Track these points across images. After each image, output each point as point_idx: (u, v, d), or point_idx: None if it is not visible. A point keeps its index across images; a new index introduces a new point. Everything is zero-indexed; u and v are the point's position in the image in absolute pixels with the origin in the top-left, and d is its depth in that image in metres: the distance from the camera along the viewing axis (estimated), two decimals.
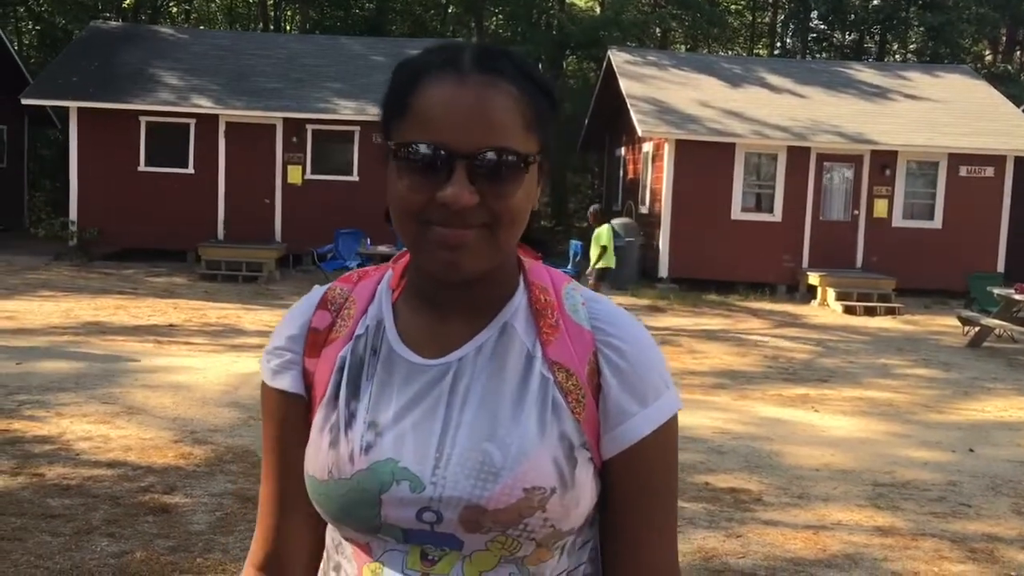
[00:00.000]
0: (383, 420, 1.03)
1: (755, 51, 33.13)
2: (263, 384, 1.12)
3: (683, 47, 32.52)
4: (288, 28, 29.69)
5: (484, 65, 0.99)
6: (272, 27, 28.27)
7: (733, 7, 33.46)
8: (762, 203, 16.96)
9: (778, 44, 33.97)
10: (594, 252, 11.40)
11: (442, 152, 0.96)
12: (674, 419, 1.07)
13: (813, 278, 15.93)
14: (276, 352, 1.10)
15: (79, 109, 16.57)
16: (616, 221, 16.82)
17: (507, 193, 0.98)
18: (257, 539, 1.14)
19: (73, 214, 16.73)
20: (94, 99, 16.52)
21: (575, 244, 14.88)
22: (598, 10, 28.93)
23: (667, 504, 1.08)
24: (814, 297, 15.74)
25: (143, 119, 16.61)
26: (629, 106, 17.20)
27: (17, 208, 22.30)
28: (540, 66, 29.01)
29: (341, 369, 1.07)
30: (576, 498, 1.02)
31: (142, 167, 16.74)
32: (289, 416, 1.09)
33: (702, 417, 7.08)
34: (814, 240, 16.76)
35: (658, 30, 30.87)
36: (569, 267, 14.27)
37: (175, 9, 31.16)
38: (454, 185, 0.95)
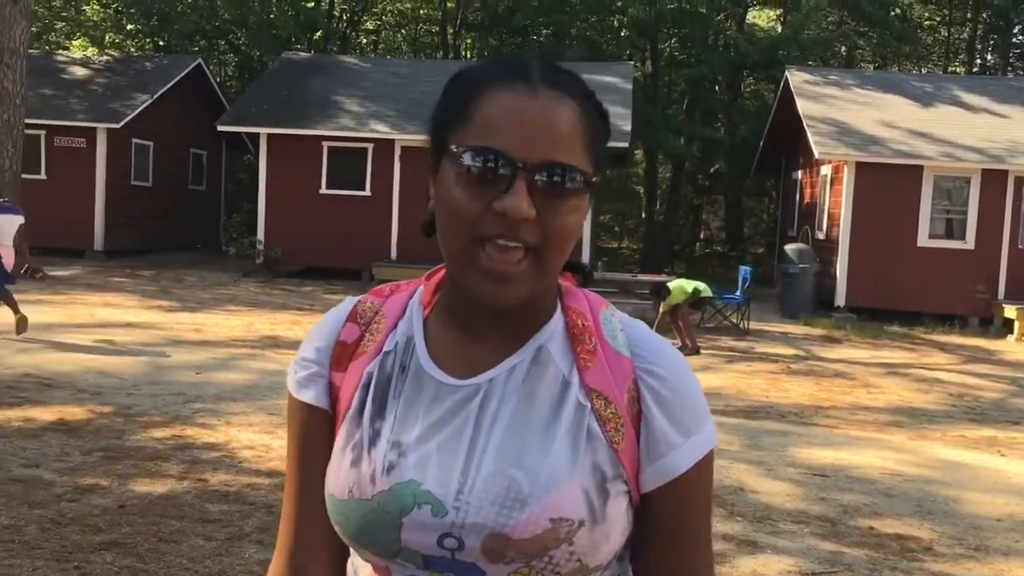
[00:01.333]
0: (407, 440, 0.99)
1: (951, 68, 31.24)
2: (289, 395, 1.09)
3: (871, 66, 31.10)
4: (468, 55, 30.52)
5: (553, 79, 0.96)
6: (452, 55, 29.14)
7: (926, 23, 31.72)
8: (953, 229, 15.87)
9: (976, 61, 31.90)
10: (682, 296, 11.29)
11: (503, 160, 0.92)
12: (713, 449, 1.03)
13: (1010, 311, 14.73)
14: (303, 363, 1.08)
15: (268, 135, 17.62)
16: (790, 247, 16.23)
17: (564, 211, 0.94)
18: (277, 555, 1.11)
19: (260, 234, 17.77)
20: (282, 125, 17.53)
21: (744, 270, 14.40)
22: (779, 29, 28.13)
23: (706, 537, 1.04)
24: (1010, 332, 14.54)
25: (325, 144, 17.46)
26: (806, 127, 16.56)
27: (214, 228, 23.96)
28: (716, 88, 28.54)
29: (367, 386, 1.03)
30: (606, 533, 0.96)
31: (323, 190, 17.59)
32: (313, 429, 1.06)
33: (871, 456, 6.64)
34: (1012, 270, 15.52)
35: (843, 48, 29.68)
36: (738, 293, 13.85)
37: (364, 40, 32.70)
38: (513, 195, 0.91)
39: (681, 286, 11.47)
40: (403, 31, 33.30)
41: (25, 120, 15.27)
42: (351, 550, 1.06)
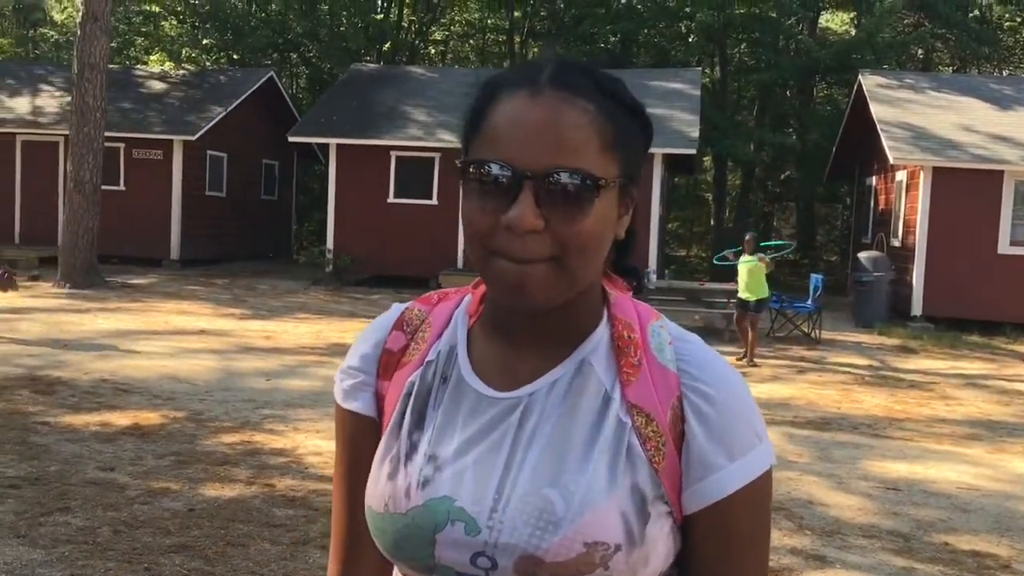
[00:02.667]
0: (444, 454, 0.97)
1: None
2: (336, 404, 1.09)
3: (950, 68, 30.27)
4: None
5: (561, 80, 0.93)
6: (518, 63, 29.22)
7: (1006, 24, 30.75)
8: None
9: None
10: (755, 283, 10.80)
11: (507, 171, 0.89)
12: (767, 476, 0.95)
13: None
14: (350, 372, 1.07)
15: (338, 145, 17.89)
16: (864, 254, 15.86)
17: (576, 219, 0.90)
18: (331, 564, 1.10)
19: (330, 243, 18.04)
20: (351, 136, 17.79)
21: (816, 278, 14.10)
22: (853, 32, 27.58)
23: (754, 570, 0.97)
24: None
25: (393, 154, 17.66)
26: (880, 132, 16.18)
27: (285, 237, 24.42)
28: (788, 93, 28.07)
29: (408, 396, 1.02)
30: (645, 557, 0.92)
31: (391, 199, 17.79)
32: (360, 439, 1.06)
33: (947, 470, 6.44)
34: None
35: (919, 51, 28.95)
36: (809, 302, 13.58)
37: (432, 51, 33.02)
38: (519, 206, 0.89)
39: (755, 267, 10.95)
40: (471, 41, 33.52)
41: (105, 133, 15.75)
42: None
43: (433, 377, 1.02)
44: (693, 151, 17.16)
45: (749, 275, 10.92)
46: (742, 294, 11.01)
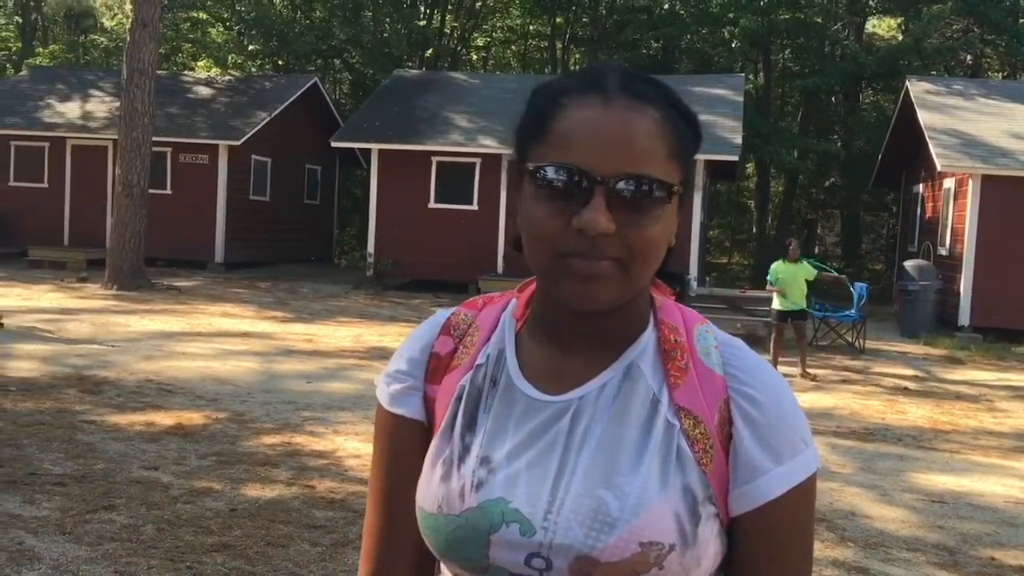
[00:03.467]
0: (497, 457, 0.98)
1: None
2: (379, 408, 1.09)
3: (999, 75, 29.74)
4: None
5: (629, 89, 0.94)
6: (560, 70, 29.26)
7: None
8: None
9: None
10: (797, 292, 10.49)
11: (580, 175, 0.91)
12: (812, 480, 0.97)
13: None
14: (397, 376, 1.08)
15: (380, 151, 18.02)
16: (910, 263, 15.61)
17: (645, 224, 0.92)
18: (363, 570, 1.10)
19: (371, 247, 18.17)
20: (393, 141, 17.91)
21: (860, 286, 13.89)
22: (900, 37, 27.22)
23: (799, 572, 0.98)
24: None
25: (434, 159, 17.75)
26: (928, 139, 15.94)
27: (327, 241, 24.63)
28: (833, 99, 27.74)
29: (459, 399, 1.03)
30: (697, 557, 0.93)
31: (432, 204, 17.88)
32: (406, 444, 1.06)
33: (994, 483, 6.31)
34: None
35: (968, 57, 28.49)
36: (853, 311, 13.39)
37: (475, 57, 33.15)
38: (591, 210, 0.90)
39: (808, 270, 10.70)
40: (512, 47, 33.61)
41: (152, 138, 16.01)
42: (439, 565, 1.06)
43: (483, 380, 1.03)
44: (736, 158, 17.04)
45: (792, 284, 10.60)
46: (780, 306, 10.54)
